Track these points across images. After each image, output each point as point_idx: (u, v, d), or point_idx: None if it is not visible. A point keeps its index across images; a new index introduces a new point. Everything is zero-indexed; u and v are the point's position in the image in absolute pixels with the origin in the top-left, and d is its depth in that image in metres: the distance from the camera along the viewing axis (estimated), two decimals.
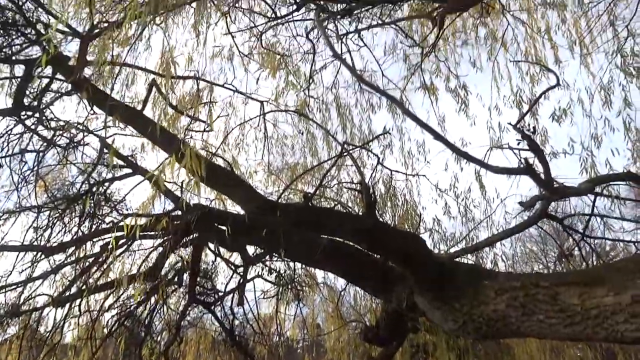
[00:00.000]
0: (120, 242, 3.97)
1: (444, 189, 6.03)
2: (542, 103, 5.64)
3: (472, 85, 6.31)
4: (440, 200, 6.04)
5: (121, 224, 4.22)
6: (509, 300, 2.85)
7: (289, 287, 5.61)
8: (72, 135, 5.33)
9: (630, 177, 3.51)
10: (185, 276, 4.84)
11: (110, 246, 3.69)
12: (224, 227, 3.67)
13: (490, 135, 5.82)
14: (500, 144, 4.35)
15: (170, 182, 3.92)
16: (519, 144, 3.48)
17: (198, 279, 5.01)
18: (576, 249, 4.14)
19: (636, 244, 4.09)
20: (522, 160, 3.19)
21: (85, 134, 5.24)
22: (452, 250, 5.30)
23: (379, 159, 5.51)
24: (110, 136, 5.28)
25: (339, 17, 4.80)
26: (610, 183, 4.36)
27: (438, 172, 6.09)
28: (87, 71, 4.93)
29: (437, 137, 2.70)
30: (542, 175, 3.45)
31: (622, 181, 3.75)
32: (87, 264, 4.35)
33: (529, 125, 3.84)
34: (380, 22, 5.29)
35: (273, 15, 5.14)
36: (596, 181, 3.56)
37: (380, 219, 5.02)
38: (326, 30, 5.00)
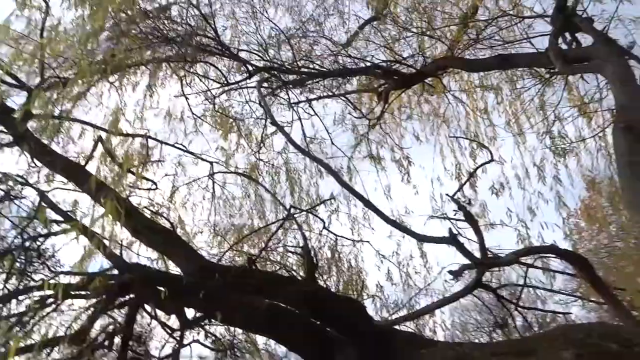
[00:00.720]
0: (48, 301, 3.74)
1: (387, 255, 6.12)
2: (481, 177, 5.97)
3: (416, 156, 6.63)
4: (383, 266, 6.11)
5: (52, 281, 3.99)
6: None
7: (228, 353, 5.40)
8: (8, 187, 5.12)
9: (553, 250, 3.72)
10: (117, 340, 4.58)
11: (35, 305, 3.47)
12: (161, 288, 3.56)
13: (432, 205, 6.05)
14: (439, 213, 4.55)
15: (106, 239, 3.78)
16: (455, 214, 3.66)
17: (131, 343, 4.74)
18: (510, 318, 4.26)
19: (566, 315, 4.27)
20: (450, 230, 3.34)
21: (23, 187, 5.04)
22: (394, 316, 5.31)
23: (324, 223, 5.60)
24: (50, 190, 5.10)
25: (290, 86, 5.01)
26: (543, 255, 4.59)
27: (382, 239, 6.20)
28: (32, 124, 4.83)
29: (367, 204, 2.82)
30: (478, 244, 3.61)
31: (545, 254, 3.96)
32: (9, 324, 4.04)
33: (465, 197, 4.06)
34: (330, 93, 5.55)
35: (226, 82, 5.30)
36: (520, 253, 3.76)
37: (323, 284, 5.01)
38: (276, 98, 5.21)
